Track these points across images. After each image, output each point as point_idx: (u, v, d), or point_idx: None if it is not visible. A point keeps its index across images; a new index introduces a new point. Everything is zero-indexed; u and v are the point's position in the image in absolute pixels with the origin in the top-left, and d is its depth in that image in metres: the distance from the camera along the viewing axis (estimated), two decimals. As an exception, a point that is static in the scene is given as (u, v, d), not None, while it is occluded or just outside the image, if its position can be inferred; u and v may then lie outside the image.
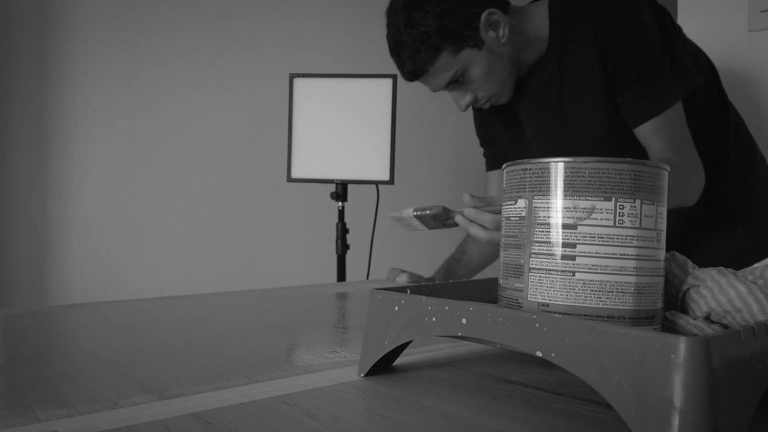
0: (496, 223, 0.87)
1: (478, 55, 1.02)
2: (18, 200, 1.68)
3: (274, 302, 0.87)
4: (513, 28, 1.05)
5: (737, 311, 0.38)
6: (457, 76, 1.03)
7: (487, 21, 1.01)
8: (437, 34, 0.99)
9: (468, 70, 1.03)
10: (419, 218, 1.02)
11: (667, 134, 0.98)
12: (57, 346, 0.57)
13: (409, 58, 1.02)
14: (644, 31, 0.99)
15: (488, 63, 1.03)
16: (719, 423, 0.26)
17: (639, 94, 0.99)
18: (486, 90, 1.06)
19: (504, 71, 1.06)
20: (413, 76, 1.05)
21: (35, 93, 1.71)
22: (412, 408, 0.36)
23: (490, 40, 1.02)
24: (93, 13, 1.79)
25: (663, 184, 0.39)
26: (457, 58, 1.01)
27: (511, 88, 1.09)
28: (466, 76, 1.04)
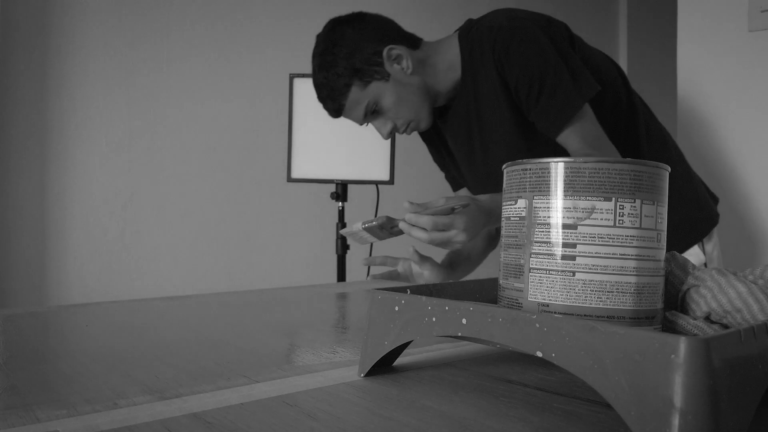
0: (433, 224, 0.95)
1: (386, 86, 1.13)
2: (18, 200, 1.68)
3: (274, 302, 0.87)
4: (422, 60, 1.16)
5: (737, 311, 0.38)
6: (371, 107, 1.14)
7: (389, 56, 1.12)
8: (345, 72, 1.11)
9: (380, 101, 1.14)
10: (368, 230, 1.09)
11: (581, 135, 1.07)
12: (57, 346, 0.57)
13: (327, 96, 1.14)
14: (536, 51, 1.08)
15: (397, 92, 1.13)
16: (719, 423, 0.26)
17: (545, 108, 1.07)
18: (402, 117, 1.16)
19: (416, 99, 1.15)
20: (335, 113, 1.16)
21: (35, 93, 1.71)
22: (412, 408, 0.36)
23: (395, 72, 1.13)
24: (93, 14, 1.79)
25: (663, 184, 0.39)
26: (366, 92, 1.12)
27: (427, 115, 1.18)
28: (380, 107, 1.14)
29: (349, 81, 1.12)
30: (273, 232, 2.09)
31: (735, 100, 1.39)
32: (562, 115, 1.06)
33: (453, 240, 0.98)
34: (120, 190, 1.84)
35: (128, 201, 1.85)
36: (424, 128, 1.21)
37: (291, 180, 1.52)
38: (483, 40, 1.13)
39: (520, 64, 1.08)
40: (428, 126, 1.21)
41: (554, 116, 1.07)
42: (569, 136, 1.07)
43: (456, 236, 0.98)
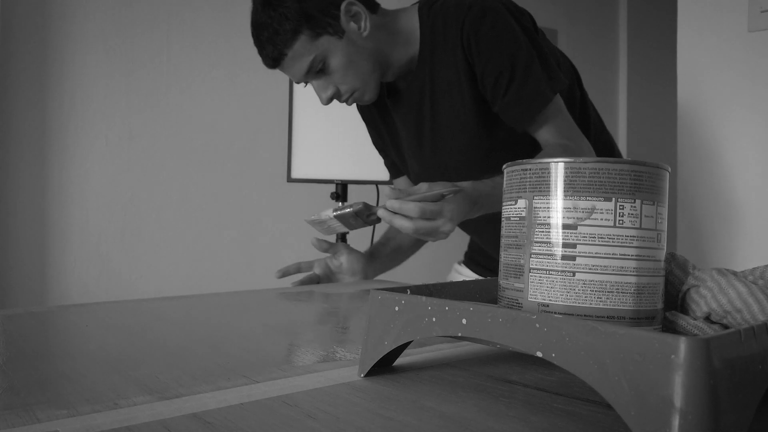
0: (420, 211, 0.87)
1: (338, 44, 1.01)
2: (18, 200, 1.68)
3: (274, 302, 0.87)
4: (379, 26, 1.06)
5: (737, 311, 0.38)
6: (317, 63, 1.02)
7: (347, 11, 1.01)
8: (296, 16, 0.98)
9: (328, 59, 1.02)
10: (339, 218, 1.01)
11: (554, 126, 1.01)
12: (57, 346, 0.57)
13: (268, 40, 1.00)
14: (508, 36, 1.01)
15: (349, 54, 1.02)
16: (719, 423, 0.26)
17: (517, 97, 1.00)
18: (348, 83, 1.05)
19: (366, 65, 1.05)
20: (273, 62, 1.03)
21: (35, 93, 1.71)
22: (412, 408, 0.36)
23: (351, 31, 1.02)
24: (93, 13, 1.79)
25: (663, 185, 0.39)
26: (315, 44, 1.00)
27: (375, 86, 1.08)
28: (327, 66, 1.03)
29: (298, 27, 0.99)
30: (273, 232, 2.09)
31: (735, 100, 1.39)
32: (533, 107, 1.00)
33: (440, 230, 0.90)
34: (120, 189, 1.84)
35: (128, 201, 1.85)
36: (368, 100, 1.10)
37: (291, 180, 1.52)
38: (449, 17, 1.04)
39: (490, 48, 1.00)
40: (372, 99, 1.10)
41: (524, 107, 1.00)
42: (541, 127, 1.02)
43: (443, 225, 0.90)
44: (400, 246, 1.33)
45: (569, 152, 0.99)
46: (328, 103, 1.07)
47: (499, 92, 1.01)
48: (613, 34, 3.29)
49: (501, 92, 1.01)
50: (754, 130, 1.36)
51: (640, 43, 3.32)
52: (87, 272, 1.78)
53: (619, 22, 3.30)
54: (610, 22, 3.27)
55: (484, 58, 1.01)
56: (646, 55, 3.34)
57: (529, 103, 1.01)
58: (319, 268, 1.19)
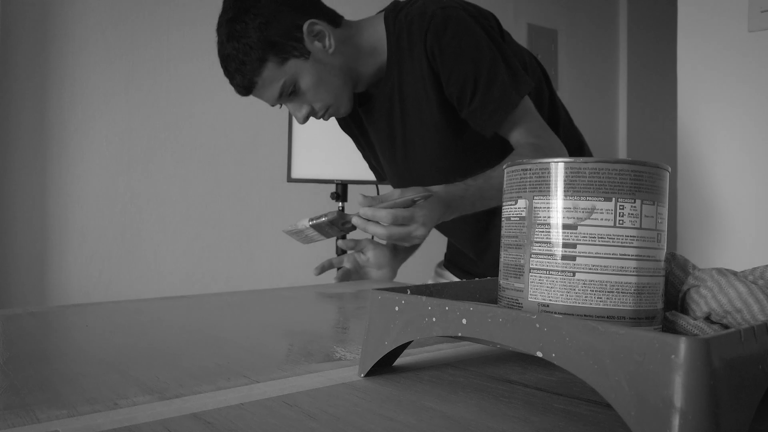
0: (393, 217, 0.88)
1: (306, 65, 1.03)
2: (18, 200, 1.68)
3: (274, 302, 0.87)
4: (344, 40, 1.06)
5: (737, 311, 0.38)
6: (288, 87, 1.03)
7: (310, 31, 1.02)
8: (259, 45, 0.99)
9: (298, 81, 1.03)
10: (315, 227, 1.01)
11: (524, 127, 1.02)
12: (57, 346, 0.57)
13: (236, 71, 1.02)
14: (471, 43, 1.01)
15: (317, 73, 1.04)
16: (719, 423, 0.26)
17: (482, 103, 1.01)
18: (320, 101, 1.06)
19: (336, 81, 1.06)
20: (245, 90, 1.04)
21: (35, 93, 1.71)
22: (412, 408, 0.36)
23: (316, 51, 1.03)
24: (93, 14, 1.79)
25: (663, 184, 0.39)
26: (283, 69, 1.02)
27: (348, 100, 1.10)
28: (298, 87, 1.04)
29: (264, 55, 1.00)
30: (273, 232, 2.09)
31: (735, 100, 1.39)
32: (499, 112, 1.01)
33: (412, 235, 0.91)
34: (120, 190, 1.84)
35: (128, 201, 1.85)
36: (343, 114, 1.12)
37: (291, 180, 1.52)
38: (413, 26, 1.04)
39: (454, 56, 1.01)
40: (347, 112, 1.12)
41: (490, 113, 1.01)
42: (510, 129, 1.03)
43: (416, 230, 0.91)
44: None
45: (540, 151, 1.00)
46: (304, 122, 1.09)
47: (465, 100, 1.02)
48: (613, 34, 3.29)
49: (467, 99, 1.02)
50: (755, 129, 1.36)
51: (640, 43, 3.32)
52: (87, 272, 1.78)
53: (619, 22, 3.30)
54: (610, 22, 3.27)
55: (448, 66, 1.02)
56: (646, 55, 3.34)
57: (495, 108, 1.01)
58: (349, 263, 1.21)
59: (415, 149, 1.12)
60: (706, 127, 1.45)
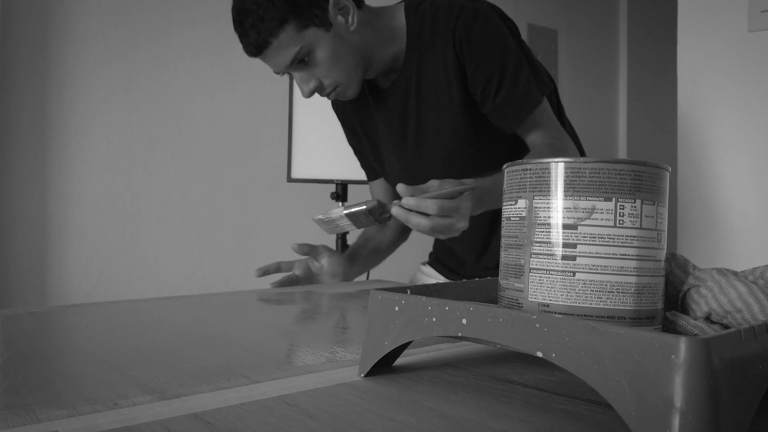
0: (439, 208, 0.85)
1: (325, 36, 0.99)
2: (18, 200, 1.68)
3: (273, 302, 0.87)
4: (365, 21, 1.04)
5: (738, 311, 0.38)
6: (302, 55, 0.99)
7: (336, 4, 1.00)
8: (283, 4, 0.95)
9: (314, 51, 0.99)
10: (350, 216, 0.98)
11: (542, 128, 1.03)
12: (57, 346, 0.57)
13: (252, 26, 0.96)
14: (499, 38, 1.02)
15: (335, 47, 1.00)
16: (720, 423, 0.26)
17: (507, 98, 1.01)
18: (332, 77, 1.03)
19: (351, 61, 1.03)
20: (256, 50, 0.99)
21: (35, 93, 1.71)
22: (412, 408, 0.36)
23: (338, 25, 1.00)
24: (93, 14, 1.79)
25: (663, 185, 0.39)
26: (302, 35, 0.98)
27: (358, 82, 1.07)
28: (312, 58, 1.00)
29: (285, 15, 0.95)
30: (273, 232, 2.09)
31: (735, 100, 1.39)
32: (523, 109, 1.01)
33: (455, 227, 0.89)
34: (120, 189, 1.84)
35: (128, 201, 1.85)
36: (350, 96, 1.08)
37: (291, 180, 1.52)
38: (439, 17, 1.04)
39: (482, 49, 1.01)
40: (355, 95, 1.08)
41: (514, 109, 1.01)
42: (530, 130, 1.03)
43: (458, 222, 0.88)
44: (378, 247, 1.32)
45: (557, 152, 1.00)
46: (309, 95, 1.05)
47: (490, 93, 1.02)
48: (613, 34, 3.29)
49: (491, 93, 1.01)
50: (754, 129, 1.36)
51: (640, 43, 3.32)
52: (87, 272, 1.78)
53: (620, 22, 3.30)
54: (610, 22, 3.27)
55: (476, 58, 1.01)
56: (646, 55, 3.34)
57: (519, 104, 1.01)
58: (300, 270, 1.17)
59: (428, 143, 1.11)
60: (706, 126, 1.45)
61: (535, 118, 1.03)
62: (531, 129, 1.03)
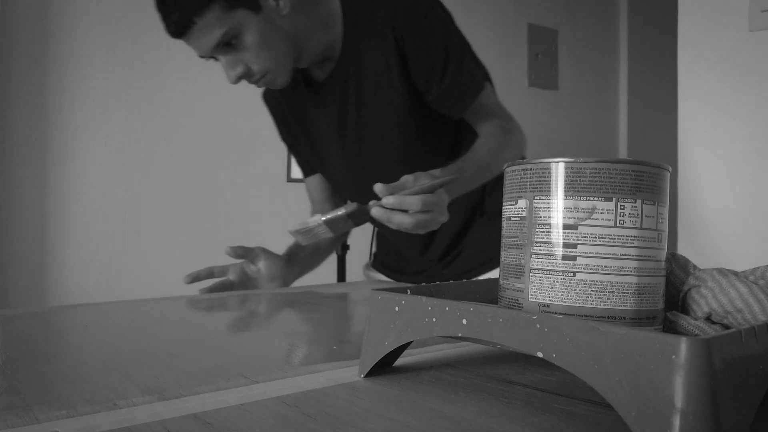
0: (423, 203, 0.83)
1: (255, 19, 0.95)
2: (18, 200, 1.68)
3: (273, 302, 0.87)
4: (298, 7, 1.00)
5: (738, 312, 0.38)
6: (228, 37, 0.94)
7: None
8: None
9: (242, 34, 0.94)
10: (329, 223, 0.94)
11: (489, 110, 1.05)
12: (56, 346, 0.57)
13: (176, 4, 0.91)
14: (441, 25, 1.01)
15: (265, 32, 0.96)
16: (720, 424, 0.26)
17: (451, 85, 1.01)
18: (261, 63, 0.98)
19: (282, 47, 0.99)
20: (179, 30, 0.93)
21: (35, 93, 1.71)
22: (412, 409, 0.36)
23: (269, 8, 0.96)
24: (93, 13, 1.79)
25: (664, 185, 0.39)
26: (229, 16, 0.92)
27: (289, 70, 1.02)
28: (239, 41, 0.95)
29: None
30: (273, 232, 2.09)
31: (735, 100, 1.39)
32: (469, 94, 1.01)
33: (437, 220, 0.87)
34: (120, 190, 1.84)
35: (128, 201, 1.85)
36: (280, 85, 1.04)
37: (291, 180, 1.52)
38: (377, 3, 1.01)
39: (424, 36, 0.99)
40: (285, 84, 1.04)
41: (461, 94, 1.01)
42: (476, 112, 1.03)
43: (440, 216, 0.87)
44: (319, 246, 1.28)
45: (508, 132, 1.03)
46: (236, 81, 1.00)
47: (434, 80, 1.00)
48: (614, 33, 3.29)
49: (436, 80, 1.00)
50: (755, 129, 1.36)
51: (641, 43, 3.32)
52: (87, 272, 1.77)
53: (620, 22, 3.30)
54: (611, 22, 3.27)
55: (418, 46, 1.00)
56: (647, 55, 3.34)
57: (465, 90, 1.02)
58: (234, 274, 1.10)
59: (371, 136, 1.09)
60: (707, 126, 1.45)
61: (481, 102, 1.03)
62: (478, 114, 1.04)
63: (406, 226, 0.85)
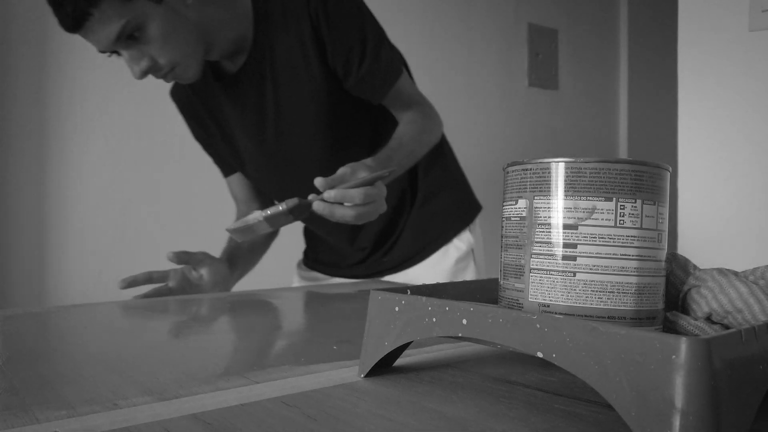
0: (365, 196, 0.83)
1: (157, 10, 0.89)
2: (17, 200, 1.68)
3: (274, 302, 0.87)
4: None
5: (738, 312, 0.38)
6: (129, 29, 0.88)
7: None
8: None
9: (145, 26, 0.89)
10: (269, 219, 0.91)
11: (406, 95, 1.05)
12: (56, 346, 0.57)
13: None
14: (357, 10, 1.01)
15: (170, 23, 0.90)
16: (720, 424, 0.26)
17: (370, 71, 1.01)
18: (167, 56, 0.93)
19: (189, 38, 0.94)
20: (74, 23, 0.87)
21: (34, 92, 1.71)
22: (412, 409, 0.36)
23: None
24: (93, 13, 1.79)
25: (664, 184, 0.39)
26: (128, 7, 0.86)
27: (198, 63, 0.98)
28: (143, 34, 0.89)
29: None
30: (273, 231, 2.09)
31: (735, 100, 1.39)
32: (388, 79, 1.01)
33: (378, 211, 0.86)
34: (120, 190, 1.84)
35: (128, 201, 1.85)
36: (190, 79, 0.99)
37: (291, 180, 1.52)
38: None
39: (341, 21, 0.97)
40: (195, 78, 0.99)
41: (380, 79, 1.01)
42: (395, 97, 1.04)
43: (381, 206, 0.86)
44: (254, 245, 1.25)
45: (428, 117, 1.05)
46: (142, 77, 0.94)
47: (353, 66, 1.00)
48: (613, 34, 3.29)
49: (355, 66, 1.00)
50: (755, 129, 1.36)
51: (641, 43, 3.32)
52: (87, 272, 1.77)
53: (620, 22, 3.30)
54: (610, 22, 3.27)
55: (336, 31, 0.98)
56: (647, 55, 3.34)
57: (384, 75, 1.02)
58: (174, 281, 1.06)
59: (290, 124, 1.06)
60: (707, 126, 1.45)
61: (399, 88, 1.04)
62: (397, 99, 1.04)
63: (348, 219, 0.84)
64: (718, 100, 1.42)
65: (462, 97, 2.43)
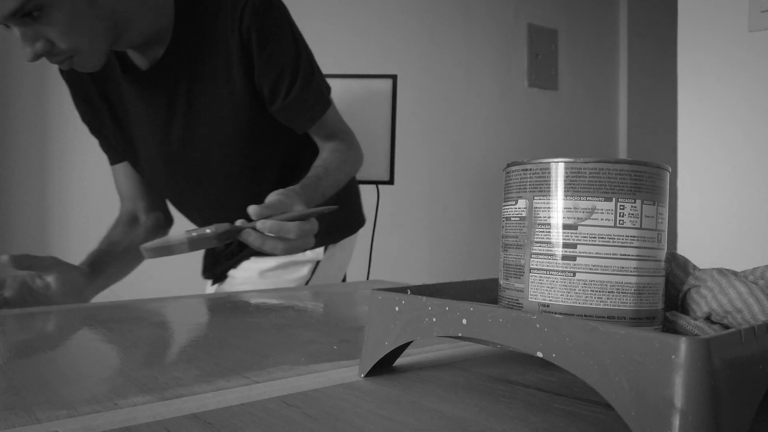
0: (300, 231, 0.80)
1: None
2: (18, 200, 1.68)
3: (273, 302, 0.87)
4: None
5: (738, 312, 0.38)
6: (30, 7, 0.80)
7: None
8: None
9: (49, 7, 0.81)
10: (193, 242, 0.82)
11: (331, 126, 1.06)
12: (57, 346, 0.57)
13: None
14: (291, 36, 0.98)
15: (78, 7, 0.83)
16: (720, 424, 0.26)
17: (299, 98, 0.99)
18: (70, 42, 0.85)
19: (99, 26, 0.87)
20: None
21: (35, 92, 1.71)
22: (412, 409, 0.36)
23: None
24: (93, 13, 1.79)
25: (664, 185, 0.39)
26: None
27: (103, 53, 0.91)
28: (44, 14, 0.81)
29: None
30: (273, 232, 2.09)
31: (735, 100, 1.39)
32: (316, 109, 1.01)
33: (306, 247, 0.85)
34: (120, 190, 1.84)
35: (128, 201, 1.85)
36: (90, 69, 0.91)
37: (291, 180, 1.52)
38: None
39: (274, 43, 0.95)
40: (97, 68, 0.92)
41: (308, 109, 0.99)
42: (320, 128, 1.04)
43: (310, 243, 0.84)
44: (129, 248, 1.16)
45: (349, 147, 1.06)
46: (34, 59, 0.85)
47: (280, 92, 0.97)
48: (613, 34, 3.29)
49: (282, 91, 0.97)
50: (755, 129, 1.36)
51: (641, 43, 3.32)
52: (87, 272, 1.77)
53: (620, 22, 3.30)
54: (611, 22, 3.27)
55: (267, 51, 0.95)
56: (647, 55, 3.34)
57: (313, 105, 1.00)
58: (12, 290, 0.89)
59: (200, 134, 1.02)
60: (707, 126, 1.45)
61: (326, 119, 1.03)
62: (321, 129, 1.04)
63: (277, 252, 0.82)
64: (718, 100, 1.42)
65: (462, 97, 2.43)
